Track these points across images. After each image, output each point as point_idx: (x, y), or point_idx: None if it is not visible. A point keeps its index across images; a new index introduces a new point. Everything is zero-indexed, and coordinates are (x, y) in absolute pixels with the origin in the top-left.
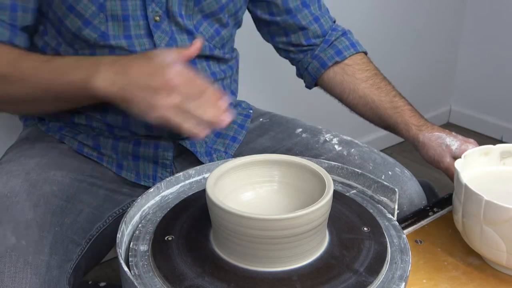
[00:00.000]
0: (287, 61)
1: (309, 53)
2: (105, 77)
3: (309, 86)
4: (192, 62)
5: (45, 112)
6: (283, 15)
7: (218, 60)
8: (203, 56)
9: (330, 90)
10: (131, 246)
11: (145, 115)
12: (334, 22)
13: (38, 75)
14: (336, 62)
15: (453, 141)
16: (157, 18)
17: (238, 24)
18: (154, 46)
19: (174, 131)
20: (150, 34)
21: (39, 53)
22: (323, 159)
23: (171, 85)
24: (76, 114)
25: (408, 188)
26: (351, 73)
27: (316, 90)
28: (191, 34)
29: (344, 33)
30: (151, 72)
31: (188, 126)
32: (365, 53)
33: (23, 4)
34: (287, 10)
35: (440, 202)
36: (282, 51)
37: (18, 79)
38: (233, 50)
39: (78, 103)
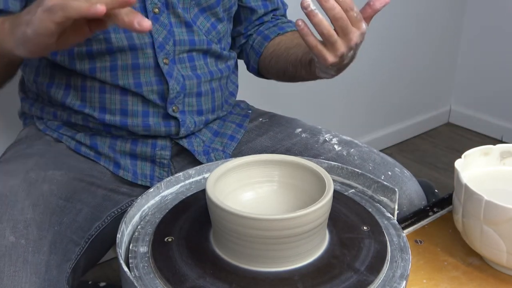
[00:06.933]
0: None
1: (256, 33)
2: (13, 42)
3: (253, 66)
4: (190, 58)
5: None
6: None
7: (216, 56)
8: (201, 51)
9: (269, 63)
10: (130, 247)
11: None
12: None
13: None
14: (278, 35)
15: None
16: (156, 10)
17: (231, 21)
18: (152, 39)
19: (173, 133)
20: None
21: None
22: (322, 159)
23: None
24: (73, 114)
25: (408, 188)
26: (289, 35)
27: (316, 89)
28: (189, 27)
29: (291, 21)
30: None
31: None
32: None
33: None
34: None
35: (440, 202)
36: (241, 52)
37: None
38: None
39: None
